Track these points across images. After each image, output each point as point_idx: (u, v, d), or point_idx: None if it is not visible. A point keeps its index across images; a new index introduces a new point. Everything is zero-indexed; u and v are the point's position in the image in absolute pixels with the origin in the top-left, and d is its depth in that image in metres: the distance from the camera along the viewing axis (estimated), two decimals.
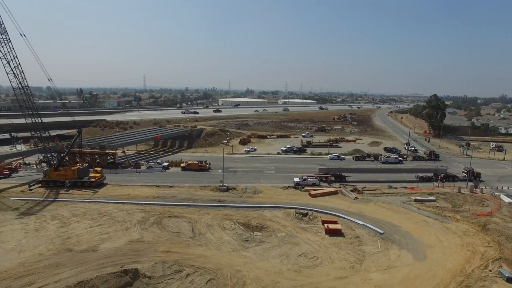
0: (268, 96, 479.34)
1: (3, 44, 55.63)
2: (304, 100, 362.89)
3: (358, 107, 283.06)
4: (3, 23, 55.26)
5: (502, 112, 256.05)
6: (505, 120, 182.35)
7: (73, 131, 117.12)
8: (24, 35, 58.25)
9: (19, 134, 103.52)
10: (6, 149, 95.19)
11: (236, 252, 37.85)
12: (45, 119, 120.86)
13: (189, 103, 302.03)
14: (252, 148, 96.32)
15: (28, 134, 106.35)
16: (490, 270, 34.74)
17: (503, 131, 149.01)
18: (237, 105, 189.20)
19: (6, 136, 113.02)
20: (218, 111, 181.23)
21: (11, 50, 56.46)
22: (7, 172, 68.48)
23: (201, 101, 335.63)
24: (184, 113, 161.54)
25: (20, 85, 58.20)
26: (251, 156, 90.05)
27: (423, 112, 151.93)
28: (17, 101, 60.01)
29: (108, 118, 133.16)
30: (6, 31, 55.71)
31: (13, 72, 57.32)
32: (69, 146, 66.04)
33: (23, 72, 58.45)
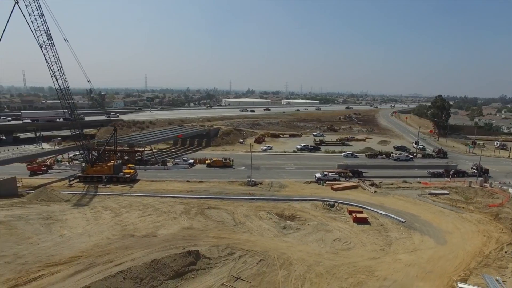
0: (269, 97, 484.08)
1: (48, 49, 59.94)
2: (307, 101, 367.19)
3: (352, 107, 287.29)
4: (48, 30, 59.54)
5: (503, 112, 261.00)
6: (507, 120, 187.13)
7: (90, 130, 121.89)
8: (67, 40, 62.60)
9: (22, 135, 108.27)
10: (32, 148, 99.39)
11: (277, 237, 42.21)
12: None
13: (196, 103, 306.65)
14: (268, 146, 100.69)
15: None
16: (506, 252, 39.14)
17: (505, 130, 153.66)
18: (252, 110, 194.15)
19: (29, 135, 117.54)
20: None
21: (54, 54, 60.70)
22: (44, 169, 72.80)
23: (205, 101, 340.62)
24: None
25: (62, 86, 62.32)
26: (269, 154, 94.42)
27: (428, 112, 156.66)
28: (60, 101, 63.96)
29: (124, 118, 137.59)
30: (51, 37, 60.07)
31: (55, 74, 61.47)
32: (105, 144, 70.28)
33: (64, 74, 62.79)
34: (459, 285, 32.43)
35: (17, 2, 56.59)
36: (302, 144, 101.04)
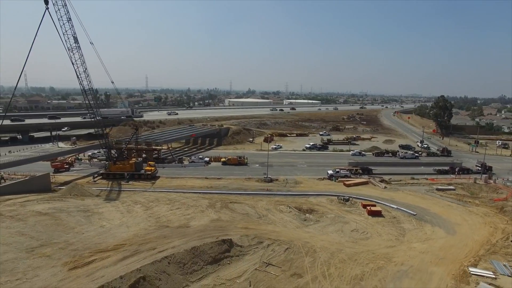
0: (270, 97, 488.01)
1: (74, 52, 63.06)
2: (310, 101, 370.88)
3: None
4: (75, 33, 62.68)
5: (503, 112, 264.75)
6: (507, 119, 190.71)
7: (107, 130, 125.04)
8: (92, 43, 65.76)
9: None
10: (48, 146, 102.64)
11: (299, 228, 45.50)
12: (76, 119, 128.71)
13: (200, 103, 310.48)
14: (278, 145, 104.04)
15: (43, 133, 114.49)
16: (511, 241, 42.45)
17: (506, 130, 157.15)
18: (281, 109, 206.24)
19: (42, 134, 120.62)
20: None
21: (80, 56, 63.81)
22: (67, 166, 75.97)
23: (208, 101, 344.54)
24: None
25: (87, 87, 65.40)
26: (279, 153, 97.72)
27: (430, 112, 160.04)
28: (85, 101, 67.04)
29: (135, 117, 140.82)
30: (77, 41, 63.24)
31: (81, 76, 64.48)
32: (127, 142, 73.48)
33: (89, 75, 65.94)
34: (470, 269, 35.73)
35: (47, 8, 59.92)
36: (311, 143, 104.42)
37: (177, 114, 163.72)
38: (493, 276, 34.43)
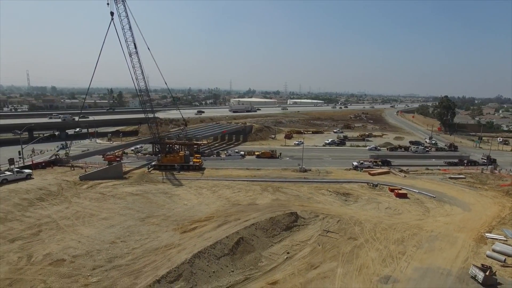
0: (272, 96, 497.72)
1: (133, 56, 71.92)
2: (312, 100, 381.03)
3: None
4: (134, 40, 71.44)
5: (500, 111, 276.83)
6: (506, 118, 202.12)
7: (123, 128, 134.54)
8: (149, 49, 74.60)
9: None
10: (87, 142, 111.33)
11: (343, 206, 55.19)
12: (102, 117, 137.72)
13: (206, 102, 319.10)
14: (300, 141, 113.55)
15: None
16: None
17: (505, 128, 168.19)
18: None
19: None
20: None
21: (138, 60, 72.60)
22: (118, 159, 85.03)
23: (211, 101, 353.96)
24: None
25: (143, 88, 74.26)
26: (302, 148, 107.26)
27: (434, 111, 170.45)
28: (140, 101, 75.86)
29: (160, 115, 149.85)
30: (136, 46, 72.06)
31: (138, 78, 73.01)
32: (177, 137, 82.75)
33: (145, 77, 74.94)
34: (486, 234, 45.61)
35: (112, 19, 68.90)
36: (329, 140, 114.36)
37: (203, 112, 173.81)
38: (505, 239, 44.30)
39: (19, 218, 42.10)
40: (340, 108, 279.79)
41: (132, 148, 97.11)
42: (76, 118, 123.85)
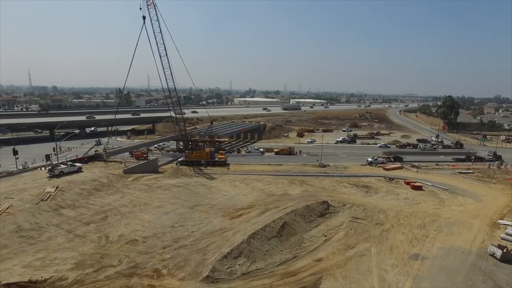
0: (273, 96, 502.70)
1: (163, 58, 76.67)
2: (316, 100, 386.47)
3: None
4: (164, 43, 76.05)
5: (500, 111, 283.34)
6: (507, 118, 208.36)
7: (138, 126, 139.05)
8: (177, 50, 79.38)
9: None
10: (105, 140, 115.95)
11: (366, 197, 60.44)
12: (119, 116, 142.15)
13: (210, 102, 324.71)
14: (312, 139, 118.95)
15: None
16: None
17: (507, 127, 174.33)
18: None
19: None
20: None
21: (168, 62, 77.28)
22: (145, 156, 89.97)
23: (213, 100, 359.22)
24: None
25: (172, 87, 78.96)
26: (316, 145, 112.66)
27: (438, 111, 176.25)
28: (167, 100, 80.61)
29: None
30: (165, 48, 76.64)
31: (167, 78, 77.57)
32: (203, 135, 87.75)
33: (174, 78, 79.64)
34: (499, 221, 50.97)
35: (144, 23, 73.66)
36: (341, 137, 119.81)
37: (197, 112, 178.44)
38: None
39: (85, 205, 47.17)
40: (366, 107, 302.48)
41: (155, 145, 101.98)
42: (96, 117, 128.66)
